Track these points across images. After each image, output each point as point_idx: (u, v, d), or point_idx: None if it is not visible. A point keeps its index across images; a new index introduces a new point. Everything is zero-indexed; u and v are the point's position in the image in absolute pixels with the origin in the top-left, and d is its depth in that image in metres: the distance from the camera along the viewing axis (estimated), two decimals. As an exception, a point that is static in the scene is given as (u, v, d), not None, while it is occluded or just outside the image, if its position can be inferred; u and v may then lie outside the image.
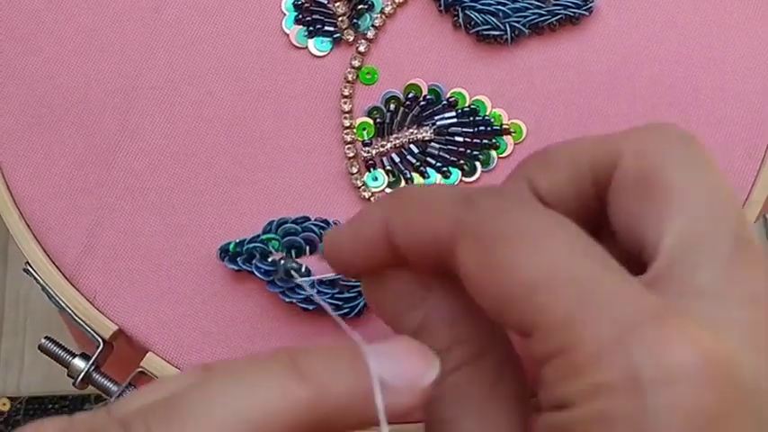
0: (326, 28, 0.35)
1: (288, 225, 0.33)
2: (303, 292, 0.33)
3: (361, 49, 0.35)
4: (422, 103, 0.34)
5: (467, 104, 0.34)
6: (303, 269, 0.31)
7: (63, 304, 0.33)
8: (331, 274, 0.33)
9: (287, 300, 0.33)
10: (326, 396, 0.20)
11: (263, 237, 0.33)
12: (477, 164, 0.34)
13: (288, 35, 0.35)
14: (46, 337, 0.34)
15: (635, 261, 0.22)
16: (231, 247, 0.33)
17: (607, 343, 0.20)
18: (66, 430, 0.19)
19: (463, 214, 0.22)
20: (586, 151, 0.24)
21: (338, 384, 0.20)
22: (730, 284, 0.21)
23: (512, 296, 0.21)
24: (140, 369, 0.33)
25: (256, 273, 0.33)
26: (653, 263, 0.22)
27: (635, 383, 0.19)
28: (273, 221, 0.33)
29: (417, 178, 0.34)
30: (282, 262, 0.31)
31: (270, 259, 0.33)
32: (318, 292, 0.33)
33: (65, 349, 0.34)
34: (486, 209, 0.22)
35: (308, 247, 0.33)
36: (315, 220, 0.33)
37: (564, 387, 0.20)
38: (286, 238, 0.33)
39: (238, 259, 0.33)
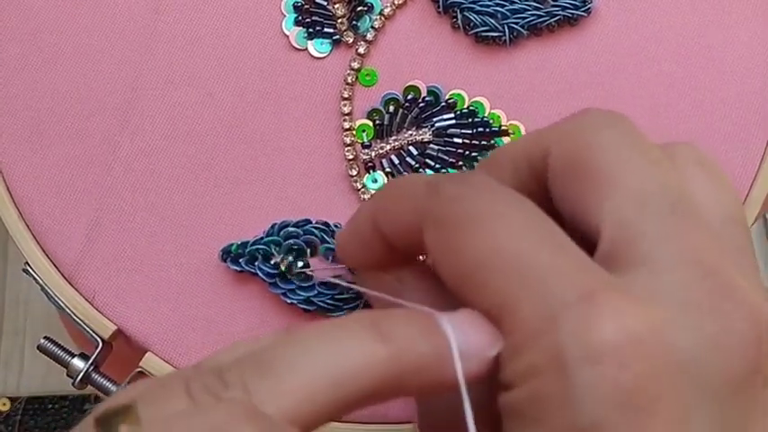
0: (326, 29, 0.35)
1: (289, 229, 0.33)
2: (304, 294, 0.33)
3: (361, 50, 0.35)
4: (421, 104, 0.34)
5: (465, 106, 0.35)
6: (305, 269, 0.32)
7: (62, 304, 0.33)
8: (331, 276, 0.33)
9: (288, 301, 0.33)
10: (405, 357, 0.21)
11: (267, 239, 0.33)
12: (476, 165, 0.34)
13: (288, 37, 0.35)
14: (45, 337, 0.34)
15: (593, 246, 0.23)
16: (233, 248, 0.33)
17: (538, 323, 0.20)
18: (160, 385, 0.20)
19: (428, 200, 0.23)
20: (522, 148, 0.25)
21: (416, 346, 0.21)
22: (669, 254, 0.21)
23: (464, 279, 0.22)
24: (139, 369, 0.33)
25: (260, 274, 0.33)
26: (598, 244, 0.22)
27: (560, 363, 0.19)
28: (276, 224, 0.33)
29: (416, 179, 0.34)
30: (291, 260, 0.32)
31: (273, 261, 0.33)
32: (318, 293, 0.33)
33: (64, 349, 0.34)
34: (446, 194, 0.23)
35: (308, 250, 0.33)
36: (315, 222, 0.33)
37: (506, 367, 0.21)
38: (288, 241, 0.33)
39: (241, 260, 0.33)
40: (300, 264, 0.33)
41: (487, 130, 0.34)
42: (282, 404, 0.19)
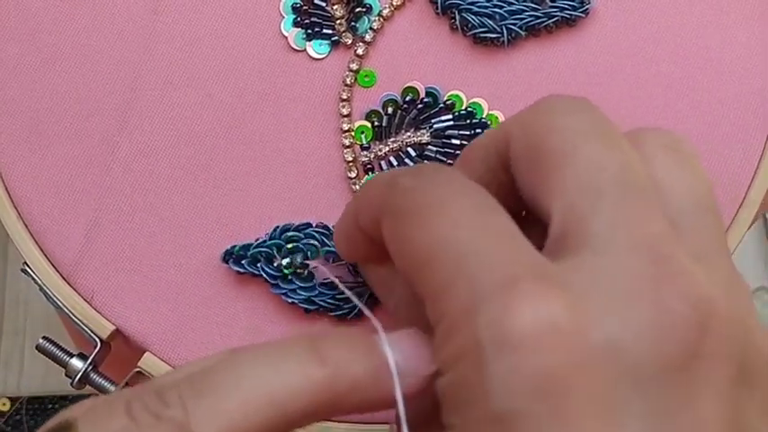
0: (325, 31, 0.35)
1: (291, 232, 0.33)
2: (305, 294, 0.33)
3: (360, 51, 0.35)
4: (419, 105, 0.34)
5: (464, 107, 0.35)
6: (306, 273, 0.33)
7: (60, 304, 0.33)
8: (330, 276, 0.33)
9: (290, 300, 0.33)
10: (340, 378, 0.21)
11: (269, 242, 0.33)
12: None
13: (286, 38, 0.35)
14: (43, 337, 0.34)
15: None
16: (236, 250, 0.33)
17: (461, 311, 0.20)
18: (102, 404, 0.21)
19: (385, 193, 0.24)
20: (491, 138, 0.25)
21: (352, 367, 0.21)
22: (618, 238, 0.21)
23: (412, 269, 0.22)
24: (138, 369, 0.33)
25: (264, 275, 0.33)
26: (549, 228, 0.22)
27: (478, 351, 0.20)
28: (278, 227, 0.33)
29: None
30: (291, 259, 0.33)
31: (275, 264, 0.33)
32: (319, 293, 0.33)
33: (62, 349, 0.34)
34: (400, 186, 0.23)
35: (309, 253, 0.33)
36: (316, 226, 0.34)
37: (437, 355, 0.21)
38: (289, 245, 0.33)
39: (243, 262, 0.33)
40: (300, 260, 0.33)
41: (486, 131, 0.34)
42: (219, 423, 0.20)
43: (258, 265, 0.33)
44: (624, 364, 0.20)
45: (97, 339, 0.33)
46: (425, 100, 0.34)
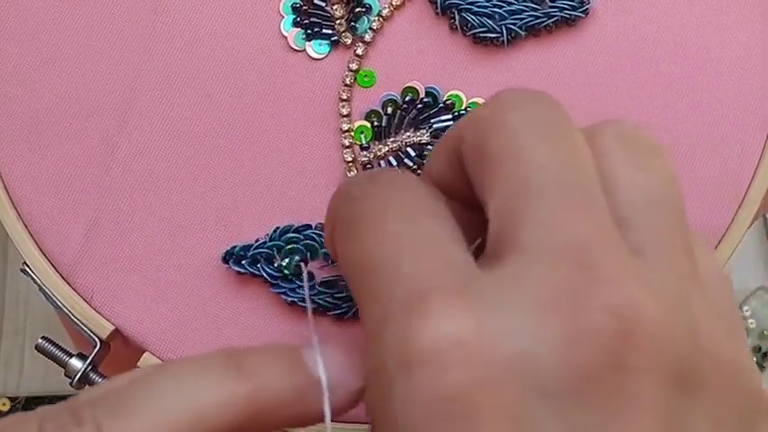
0: (324, 31, 0.35)
1: (291, 234, 0.33)
2: (304, 293, 0.33)
3: (359, 52, 0.35)
4: (419, 105, 0.34)
5: (463, 107, 0.35)
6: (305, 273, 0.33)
7: (60, 304, 0.33)
8: (330, 275, 0.33)
9: (289, 300, 0.33)
10: (264, 393, 0.21)
11: (269, 243, 0.33)
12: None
13: (286, 38, 0.35)
14: (43, 337, 0.34)
15: None
16: (236, 250, 0.33)
17: (375, 329, 0.20)
18: (16, 422, 0.20)
19: (338, 202, 0.23)
20: (452, 137, 0.24)
21: (276, 383, 0.21)
22: (547, 243, 0.20)
23: (349, 279, 0.22)
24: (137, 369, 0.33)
25: (264, 275, 0.33)
26: (488, 232, 0.21)
27: (384, 372, 0.19)
28: (278, 228, 0.33)
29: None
30: (290, 259, 0.33)
31: (276, 264, 0.33)
32: (318, 292, 0.33)
33: (62, 349, 0.34)
34: (350, 194, 0.23)
35: (308, 254, 0.33)
36: (315, 227, 0.34)
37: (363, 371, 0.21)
38: (288, 246, 0.33)
39: (243, 262, 0.33)
40: (299, 260, 0.33)
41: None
42: None
43: (258, 265, 0.33)
44: (536, 380, 0.18)
45: (96, 339, 0.33)
46: (425, 100, 0.34)
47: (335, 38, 0.35)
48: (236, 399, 0.20)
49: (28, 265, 0.34)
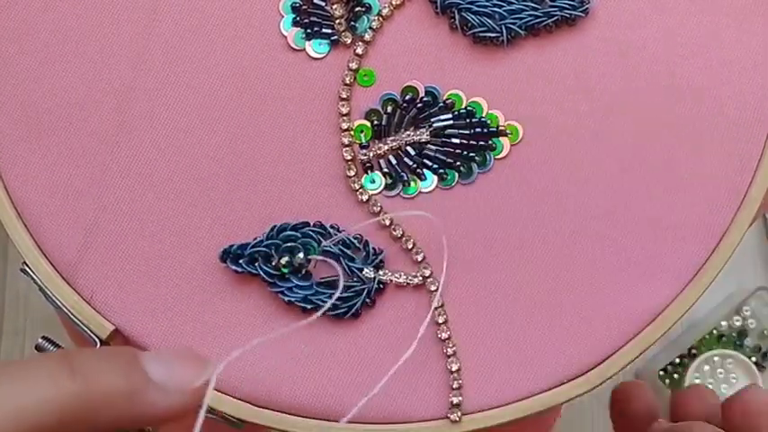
0: (324, 30, 0.35)
1: (288, 232, 0.33)
2: (302, 292, 0.33)
3: (359, 51, 0.35)
4: (418, 104, 0.34)
5: (463, 106, 0.35)
6: (303, 271, 0.33)
7: (60, 304, 0.33)
8: (330, 275, 0.33)
9: (287, 299, 0.33)
10: (94, 390, 0.22)
11: (266, 242, 0.33)
12: (474, 165, 0.34)
13: (286, 37, 0.35)
14: (43, 337, 0.34)
15: None
16: (234, 249, 0.33)
17: None
18: None
19: None
20: None
21: (106, 381, 0.22)
22: None
23: None
24: (138, 369, 0.33)
25: (261, 273, 0.33)
26: None
27: None
28: (275, 227, 0.33)
29: (414, 180, 0.34)
30: (288, 258, 0.33)
31: (273, 263, 0.33)
32: (316, 291, 0.33)
33: (61, 349, 0.34)
34: None
35: (306, 251, 0.33)
36: (313, 225, 0.34)
37: None
38: (285, 244, 0.33)
39: (241, 261, 0.33)
40: (298, 259, 0.33)
41: (485, 130, 0.34)
42: None
43: (256, 264, 0.33)
44: None
45: (97, 339, 0.33)
46: (425, 99, 0.34)
47: (335, 37, 0.35)
48: (64, 394, 0.21)
49: (28, 265, 0.34)
